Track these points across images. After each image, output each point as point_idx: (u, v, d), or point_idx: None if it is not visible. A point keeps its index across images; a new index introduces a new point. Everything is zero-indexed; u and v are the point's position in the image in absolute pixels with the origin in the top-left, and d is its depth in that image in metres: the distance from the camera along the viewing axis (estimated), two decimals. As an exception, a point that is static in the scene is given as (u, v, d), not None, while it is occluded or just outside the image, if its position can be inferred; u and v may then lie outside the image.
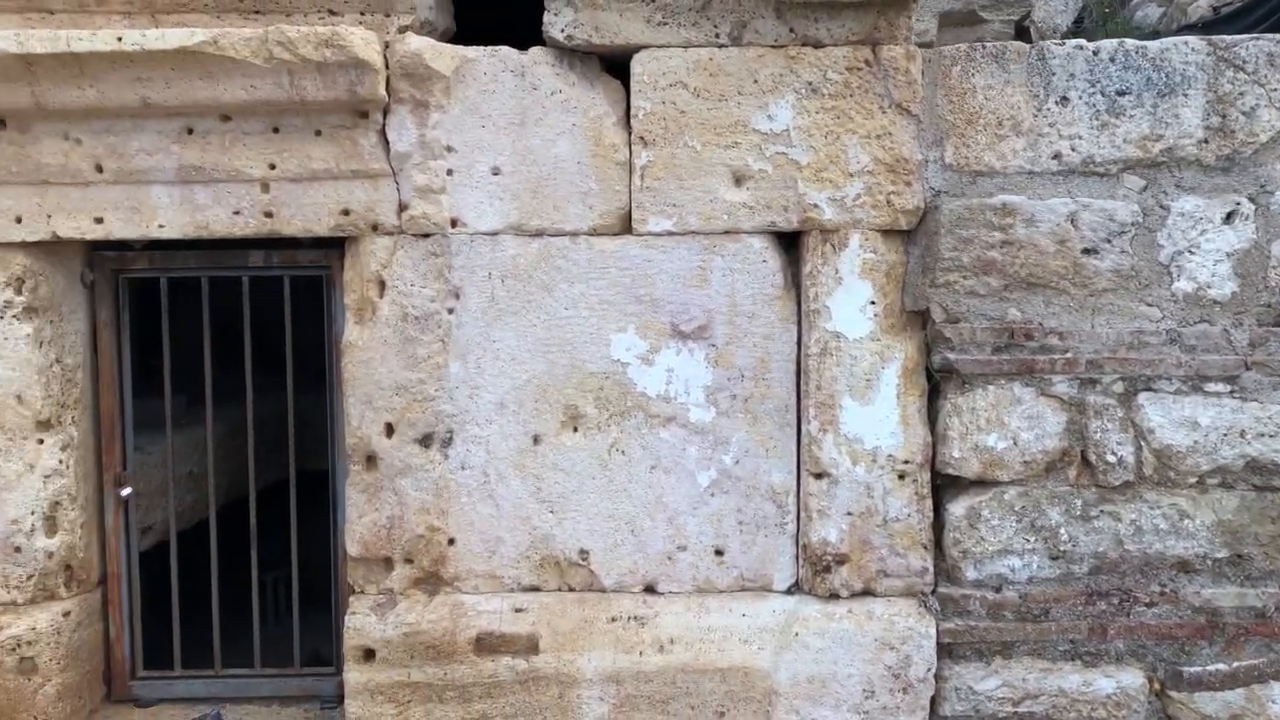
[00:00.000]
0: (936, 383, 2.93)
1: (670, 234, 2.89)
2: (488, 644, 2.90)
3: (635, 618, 2.92)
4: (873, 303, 2.88)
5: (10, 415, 2.94)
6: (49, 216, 2.91)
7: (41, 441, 2.97)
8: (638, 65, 2.86)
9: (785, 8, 2.80)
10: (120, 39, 2.67)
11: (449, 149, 2.89)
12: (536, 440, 2.96)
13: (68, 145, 2.85)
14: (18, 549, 2.96)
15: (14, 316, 2.94)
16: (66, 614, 3.01)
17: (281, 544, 3.39)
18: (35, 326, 2.95)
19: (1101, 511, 2.88)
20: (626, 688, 2.87)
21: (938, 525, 2.94)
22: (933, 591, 2.93)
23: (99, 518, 3.17)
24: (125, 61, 2.71)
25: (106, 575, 3.19)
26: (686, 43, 2.85)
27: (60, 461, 3.00)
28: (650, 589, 2.99)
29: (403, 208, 2.91)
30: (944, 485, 2.96)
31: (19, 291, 2.94)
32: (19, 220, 2.90)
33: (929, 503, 2.92)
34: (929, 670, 2.87)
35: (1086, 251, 2.82)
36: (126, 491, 3.18)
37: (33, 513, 2.97)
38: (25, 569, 2.97)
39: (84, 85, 2.75)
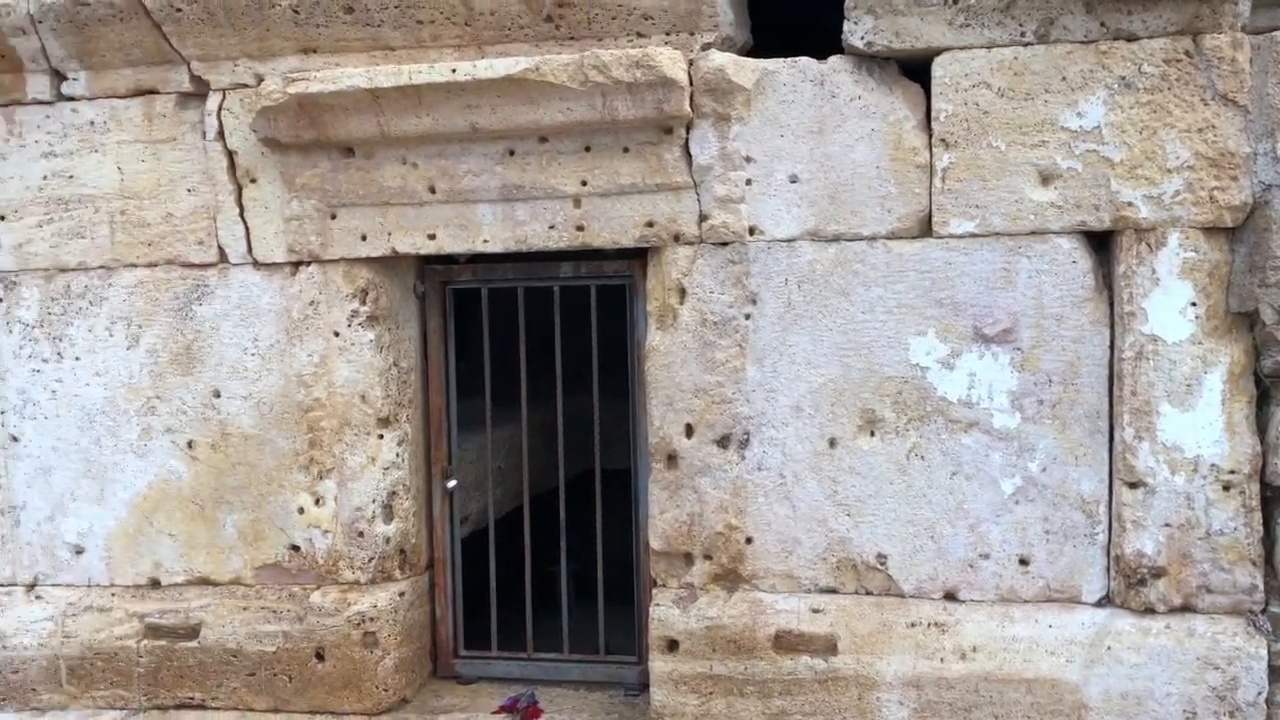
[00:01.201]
0: (1266, 389, 2.75)
1: (972, 235, 2.86)
2: (786, 642, 2.97)
3: (935, 624, 2.91)
4: (1193, 304, 2.74)
5: (356, 413, 3.28)
6: (389, 234, 3.22)
7: (381, 437, 3.29)
8: (939, 68, 2.84)
9: (1096, 3, 2.72)
10: (454, 70, 2.93)
11: (748, 159, 2.98)
12: (832, 443, 3.00)
13: (406, 169, 3.15)
14: (361, 534, 3.29)
15: (359, 324, 3.27)
16: (401, 594, 3.32)
17: (577, 536, 3.59)
18: (376, 333, 3.28)
19: None
20: (927, 693, 2.86)
21: (1268, 540, 2.76)
22: (1263, 610, 2.75)
23: (427, 507, 3.47)
24: (457, 91, 2.96)
25: (433, 560, 3.49)
26: (990, 43, 2.81)
27: (397, 455, 3.32)
28: (950, 596, 2.96)
29: (703, 218, 3.02)
30: (1274, 498, 2.77)
31: (364, 302, 3.27)
32: (364, 238, 3.23)
33: (1258, 516, 2.74)
34: (1260, 694, 2.70)
35: None
36: (452, 484, 3.48)
37: (374, 501, 3.29)
38: (367, 552, 3.30)
39: (421, 114, 3.03)
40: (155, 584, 3.42)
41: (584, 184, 3.07)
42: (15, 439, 3.46)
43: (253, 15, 3.10)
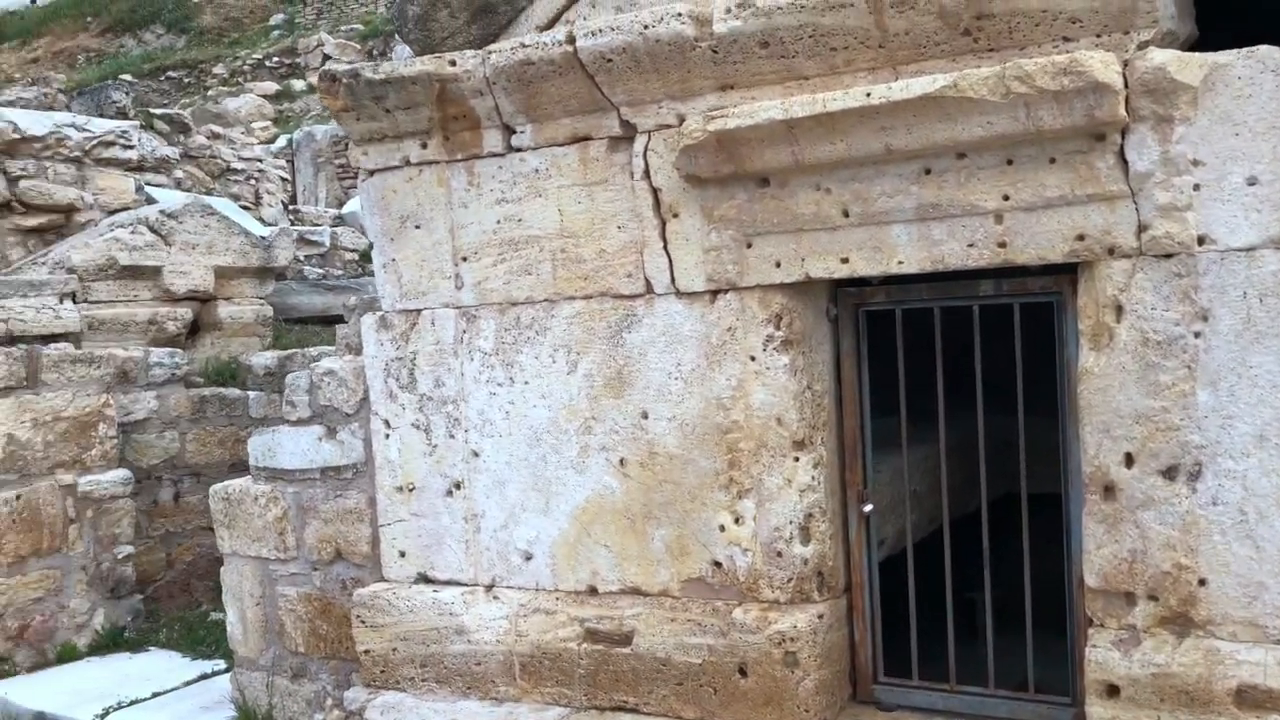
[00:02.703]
0: None
1: None
2: (1251, 698, 2.66)
3: None
4: None
5: (772, 435, 3.35)
6: (802, 260, 3.27)
7: (797, 459, 3.34)
8: None
9: None
10: (868, 94, 2.92)
11: (1195, 163, 2.71)
12: (1305, 477, 2.65)
13: (818, 195, 3.18)
14: (779, 554, 3.36)
15: (774, 349, 3.34)
16: (820, 616, 3.34)
17: (999, 563, 3.43)
18: (791, 357, 3.33)
19: None
20: None
21: None
22: None
23: (844, 530, 3.48)
24: (871, 114, 2.95)
25: (850, 584, 3.48)
26: None
27: (812, 478, 3.35)
28: None
29: (1142, 228, 2.79)
30: None
31: (778, 327, 3.33)
32: (778, 265, 3.30)
33: None
34: None
35: None
36: (868, 507, 3.46)
37: (791, 522, 3.35)
38: (785, 572, 3.35)
39: (835, 140, 3.05)
40: (593, 591, 3.70)
41: (1005, 199, 2.93)
42: (476, 454, 3.88)
43: (675, 59, 3.27)
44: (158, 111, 10.99)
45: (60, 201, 7.98)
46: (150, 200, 8.54)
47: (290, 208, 11.84)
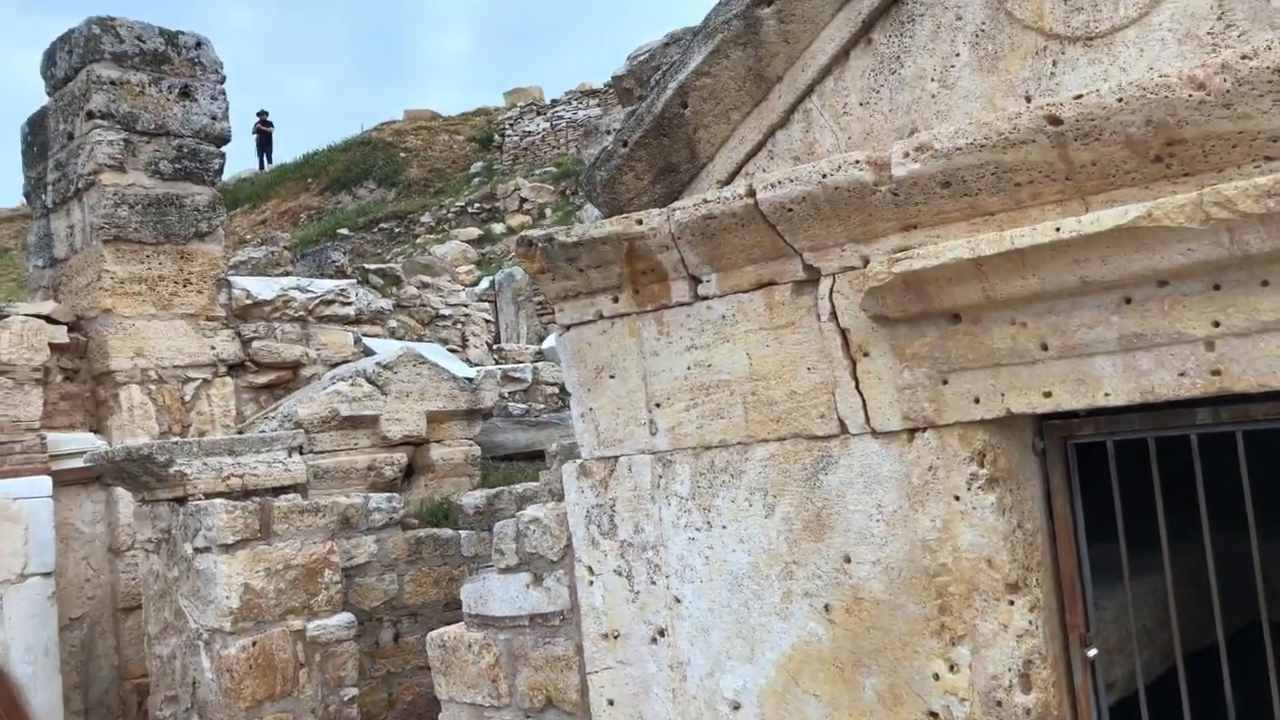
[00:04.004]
0: None
1: None
2: None
3: None
4: None
5: (983, 578, 3.23)
6: (1002, 395, 3.18)
7: (1011, 603, 3.20)
8: None
9: None
10: (1058, 229, 2.86)
11: None
12: None
13: (1014, 329, 3.11)
14: (998, 703, 3.20)
15: (979, 487, 3.24)
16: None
17: (1245, 700, 3.16)
18: (998, 495, 3.23)
19: None
20: None
21: None
22: None
23: (1067, 675, 3.29)
24: (1062, 248, 2.88)
25: (1079, 734, 3.27)
26: None
27: (1029, 622, 3.20)
28: None
29: (1376, 348, 2.59)
30: None
31: (981, 464, 3.24)
32: (977, 401, 3.23)
33: None
34: None
35: None
36: (1092, 653, 3.26)
37: (1009, 669, 3.19)
38: (1006, 723, 3.19)
39: (1026, 274, 2.99)
40: (803, 741, 3.61)
41: (1216, 325, 2.79)
42: (678, 600, 3.89)
43: (855, 204, 3.31)
44: (372, 267, 11.84)
45: (287, 359, 8.64)
46: (367, 351, 9.15)
47: (494, 347, 12.41)
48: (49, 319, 7.75)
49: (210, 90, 8.53)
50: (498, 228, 22.01)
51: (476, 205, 24.08)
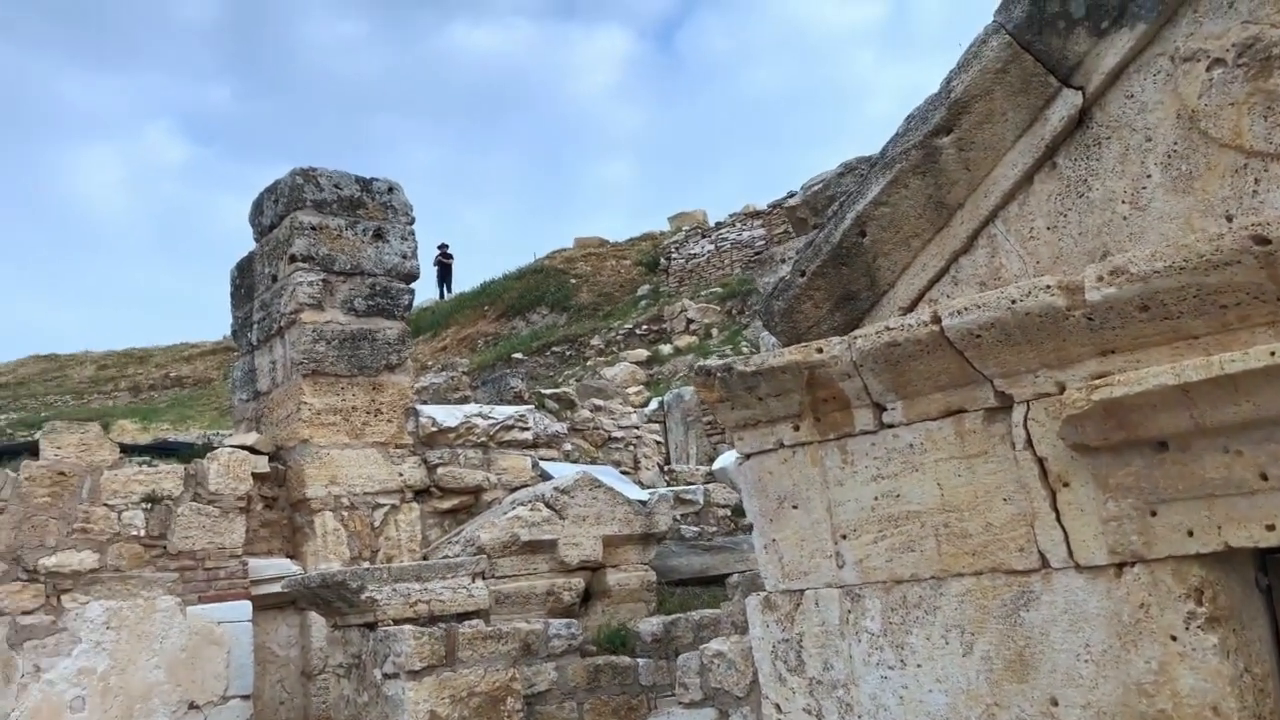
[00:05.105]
0: None
1: None
2: None
3: None
4: None
5: (1208, 727, 2.99)
6: (1218, 528, 2.99)
7: (1244, 756, 2.95)
8: None
9: None
10: (1273, 354, 2.71)
11: None
12: None
13: (1228, 458, 2.94)
14: None
15: (1198, 627, 3.03)
16: None
17: None
18: (1220, 636, 3.00)
19: None
20: None
21: None
22: None
23: (1314, 840, 2.98)
24: (1277, 374, 2.73)
25: None
26: None
27: (1266, 778, 2.93)
28: None
29: None
30: None
31: (1199, 602, 3.03)
32: (1190, 534, 3.04)
33: None
34: None
35: None
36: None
37: (1246, 831, 2.92)
38: None
39: (1238, 401, 2.83)
40: None
41: None
42: (871, 741, 3.74)
43: (1047, 329, 3.23)
44: (547, 391, 12.16)
45: (469, 484, 8.90)
46: (544, 475, 9.33)
47: (665, 468, 12.47)
48: (252, 449, 8.25)
49: (401, 231, 9.06)
50: (665, 349, 22.33)
51: (644, 327, 24.55)
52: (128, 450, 8.09)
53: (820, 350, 3.78)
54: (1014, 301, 3.25)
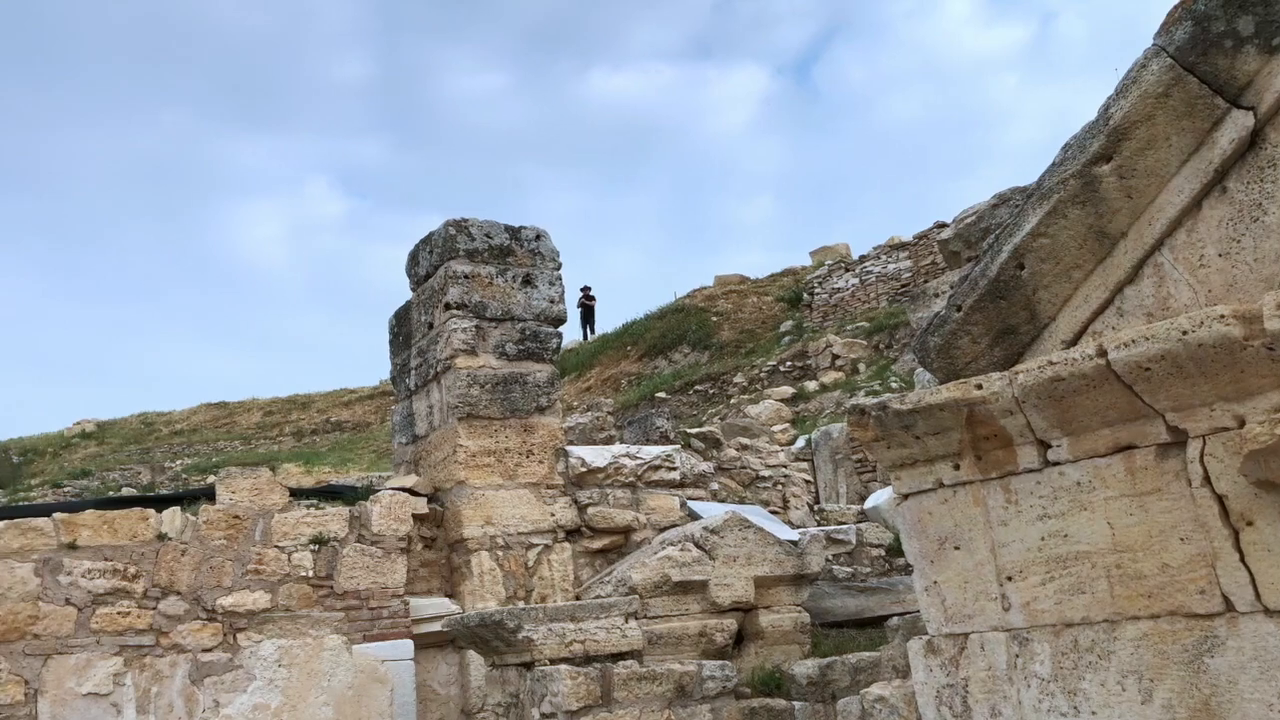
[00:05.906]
0: None
1: None
2: None
3: None
4: None
5: None
6: None
7: None
8: None
9: None
10: None
11: None
12: None
13: None
14: None
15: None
16: None
17: None
18: None
19: None
20: None
21: None
22: None
23: None
24: None
25: None
26: None
27: None
28: None
29: None
30: None
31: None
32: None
33: None
34: None
35: None
36: None
37: None
38: None
39: None
40: None
41: None
42: (1045, 792, 3.59)
43: (1223, 361, 3.09)
44: (692, 431, 12.18)
45: (619, 524, 8.97)
46: (693, 515, 9.34)
47: (815, 507, 12.31)
48: (412, 491, 8.51)
49: (549, 276, 9.27)
50: (810, 385, 22.10)
51: (788, 364, 24.36)
52: (295, 494, 8.44)
53: (980, 386, 3.70)
54: (1186, 332, 3.12)
